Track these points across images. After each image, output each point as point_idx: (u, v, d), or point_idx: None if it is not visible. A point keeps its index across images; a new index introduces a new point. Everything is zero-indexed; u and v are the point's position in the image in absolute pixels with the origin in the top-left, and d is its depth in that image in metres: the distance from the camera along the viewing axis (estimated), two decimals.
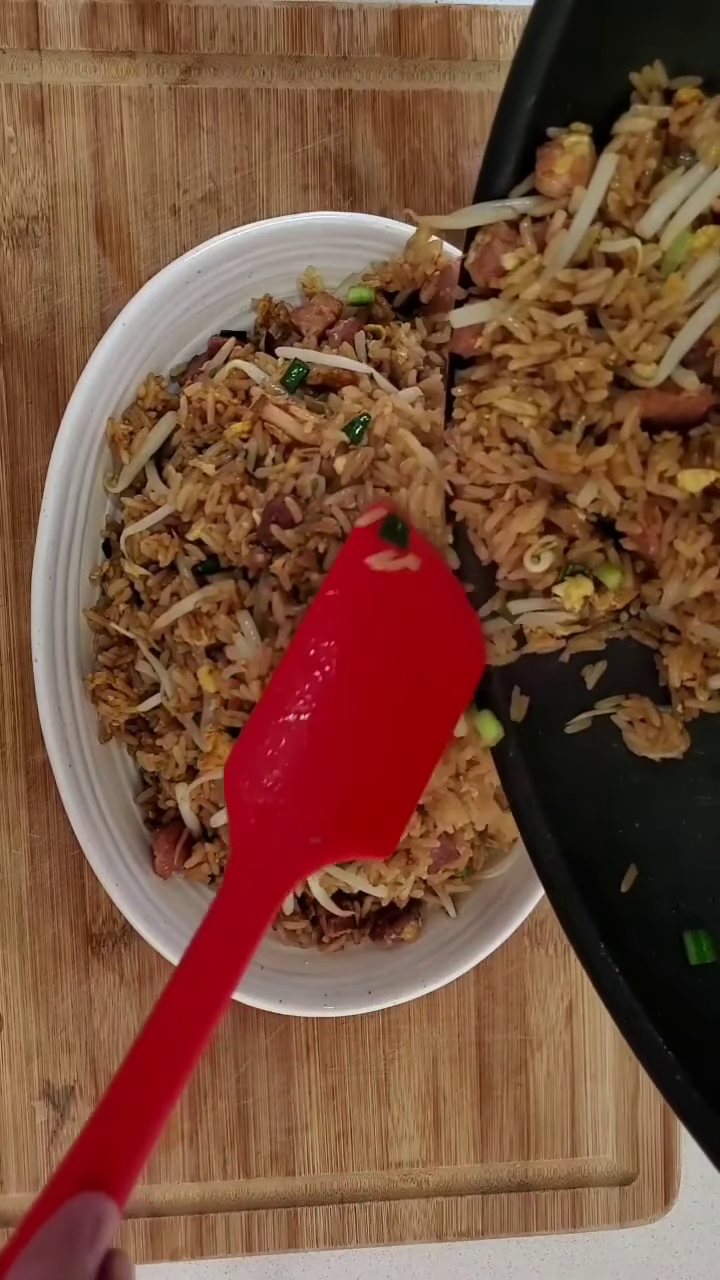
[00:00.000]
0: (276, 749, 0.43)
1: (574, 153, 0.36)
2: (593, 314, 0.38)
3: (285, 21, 0.60)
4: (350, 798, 0.44)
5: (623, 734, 0.44)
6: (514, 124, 0.36)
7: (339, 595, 0.45)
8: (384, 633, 0.45)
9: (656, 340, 0.37)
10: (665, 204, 0.37)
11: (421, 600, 0.45)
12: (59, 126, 0.59)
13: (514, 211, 0.38)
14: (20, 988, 0.61)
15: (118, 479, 0.56)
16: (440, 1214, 0.64)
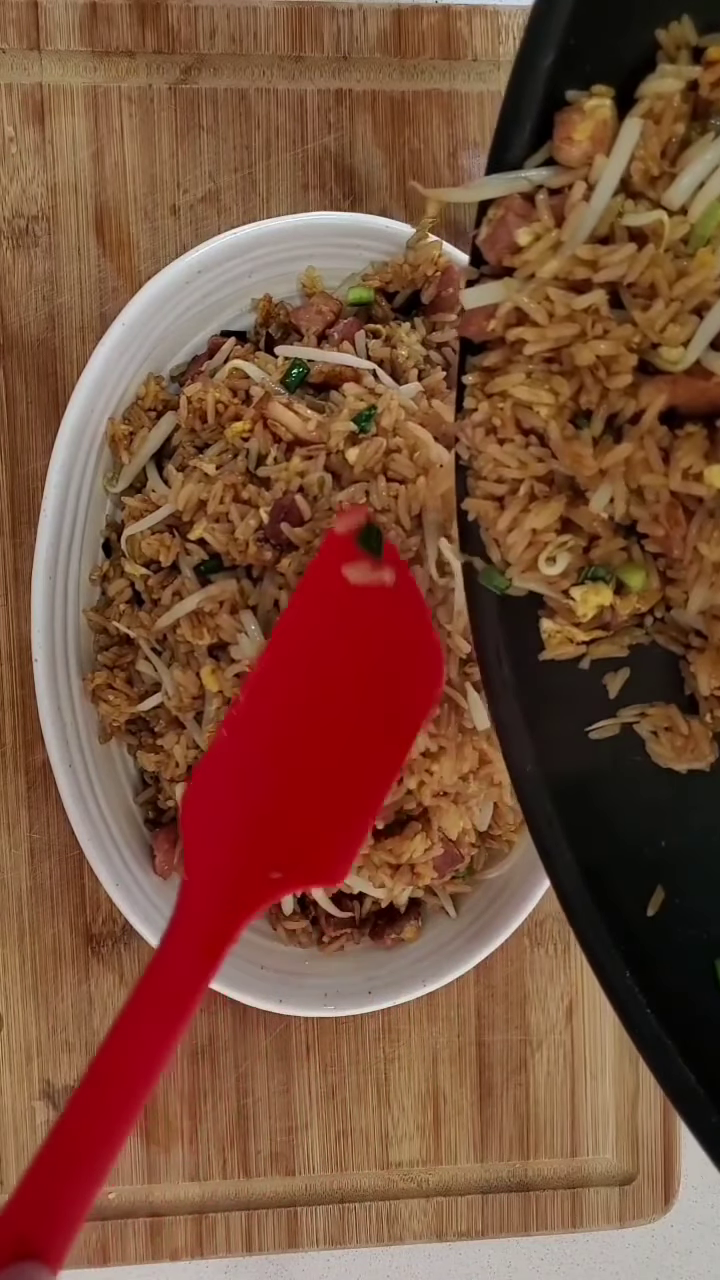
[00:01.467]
0: (235, 778, 0.41)
1: (595, 117, 0.33)
2: (614, 293, 0.35)
3: (285, 21, 0.60)
4: (308, 827, 0.43)
5: (646, 745, 0.41)
6: (530, 85, 0.33)
7: (304, 607, 0.43)
8: (347, 650, 0.43)
9: (684, 321, 0.34)
10: (694, 173, 0.33)
11: (387, 615, 0.43)
12: (59, 126, 0.59)
13: (529, 183, 0.35)
14: (20, 988, 0.61)
15: (118, 479, 0.56)
16: (440, 1214, 0.64)
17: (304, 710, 0.43)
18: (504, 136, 0.35)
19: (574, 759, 0.40)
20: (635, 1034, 0.37)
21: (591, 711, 0.41)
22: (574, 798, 0.39)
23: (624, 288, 0.35)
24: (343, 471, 0.51)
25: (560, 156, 0.34)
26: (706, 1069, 0.36)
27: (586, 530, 0.38)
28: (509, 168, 0.35)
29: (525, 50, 0.33)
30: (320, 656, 0.43)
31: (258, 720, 0.42)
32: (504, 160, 0.35)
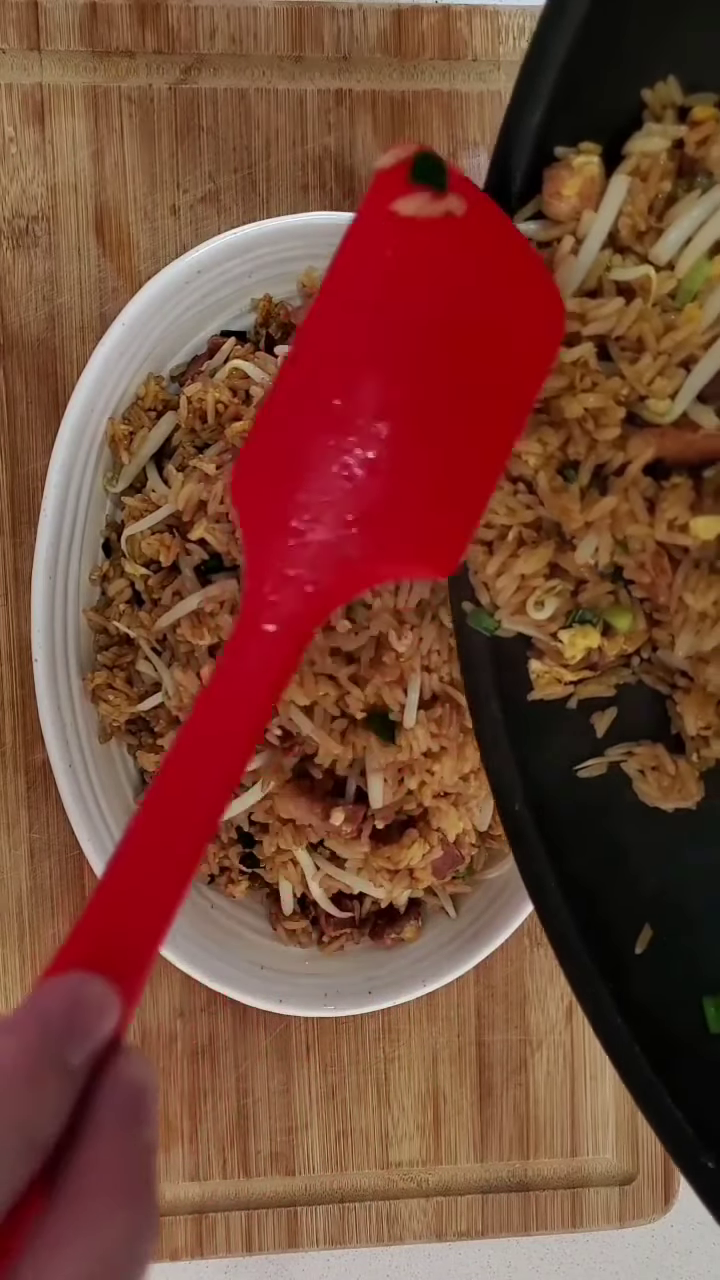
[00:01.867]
0: (294, 444, 0.34)
1: (583, 174, 0.34)
2: (603, 346, 0.36)
3: (285, 21, 0.60)
4: (394, 502, 0.35)
5: (633, 784, 0.41)
6: (520, 139, 0.34)
7: (356, 253, 0.35)
8: (425, 297, 0.36)
9: (671, 374, 0.35)
10: (681, 228, 0.34)
11: (472, 255, 0.36)
12: (59, 126, 0.59)
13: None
14: (20, 988, 0.61)
15: (118, 479, 0.56)
16: (440, 1214, 0.64)
17: (380, 356, 0.35)
18: (494, 188, 0.35)
19: (562, 798, 0.40)
20: (624, 1074, 0.37)
21: (579, 750, 0.41)
22: (562, 836, 0.39)
23: (612, 341, 0.35)
24: None
25: (549, 211, 0.35)
26: (693, 1106, 0.36)
27: (574, 575, 0.39)
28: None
29: (515, 106, 0.34)
30: (385, 307, 0.35)
31: (315, 378, 0.35)
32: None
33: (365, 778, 0.51)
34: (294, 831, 0.52)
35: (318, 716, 0.50)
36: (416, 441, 0.35)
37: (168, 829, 0.30)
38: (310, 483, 0.34)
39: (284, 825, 0.52)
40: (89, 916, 0.29)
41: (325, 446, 0.34)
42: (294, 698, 0.49)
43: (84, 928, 0.29)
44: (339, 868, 0.54)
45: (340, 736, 0.50)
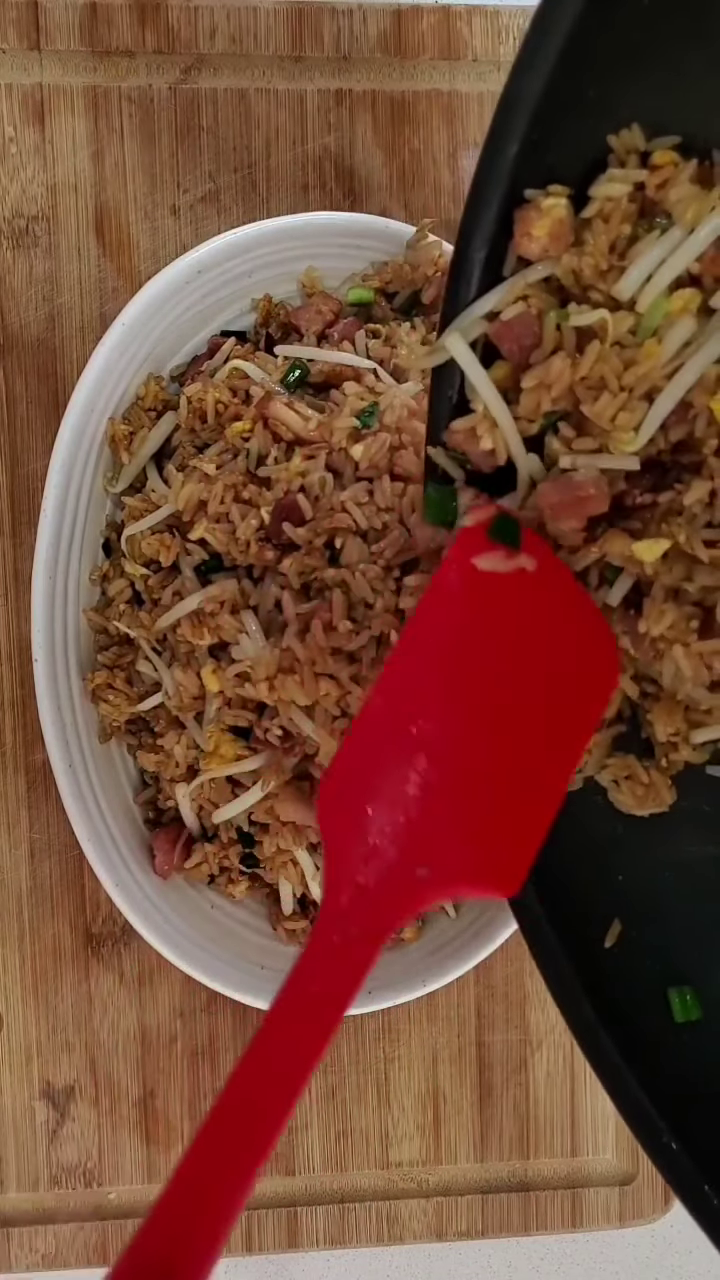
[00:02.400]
0: (378, 771, 0.38)
1: (552, 215, 0.36)
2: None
3: (285, 21, 0.60)
4: (463, 826, 0.39)
5: (609, 793, 0.43)
6: (496, 174, 0.36)
7: (439, 606, 0.40)
8: (498, 641, 0.40)
9: (634, 407, 0.37)
10: (642, 267, 0.36)
11: (540, 606, 0.41)
12: (59, 126, 0.59)
13: (484, 323, 0.38)
14: (20, 988, 0.61)
15: (118, 479, 0.56)
16: (440, 1214, 0.64)
17: (460, 692, 0.39)
18: (470, 223, 0.37)
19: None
20: (593, 1060, 0.38)
21: None
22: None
23: (579, 384, 0.38)
24: (344, 470, 0.51)
25: (521, 250, 0.37)
26: (660, 1093, 0.37)
27: None
28: (476, 255, 0.38)
29: (492, 141, 0.35)
30: (462, 648, 0.40)
31: (405, 695, 0.39)
32: (471, 245, 0.37)
33: None
34: (294, 832, 0.52)
35: (319, 716, 0.49)
36: (486, 771, 0.39)
37: (232, 1136, 0.32)
38: (387, 805, 0.37)
39: (284, 825, 0.52)
40: (160, 1215, 0.31)
41: (403, 773, 0.37)
42: (295, 697, 0.49)
43: (154, 1227, 0.30)
44: None
45: (341, 737, 0.50)
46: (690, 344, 0.36)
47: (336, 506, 0.49)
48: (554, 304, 0.38)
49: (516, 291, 0.37)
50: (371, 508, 0.50)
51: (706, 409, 0.36)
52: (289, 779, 0.52)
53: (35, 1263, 0.61)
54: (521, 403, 0.38)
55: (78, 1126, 0.62)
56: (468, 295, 0.38)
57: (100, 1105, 0.62)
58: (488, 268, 0.38)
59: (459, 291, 0.38)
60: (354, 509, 0.49)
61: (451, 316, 0.38)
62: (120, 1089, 0.62)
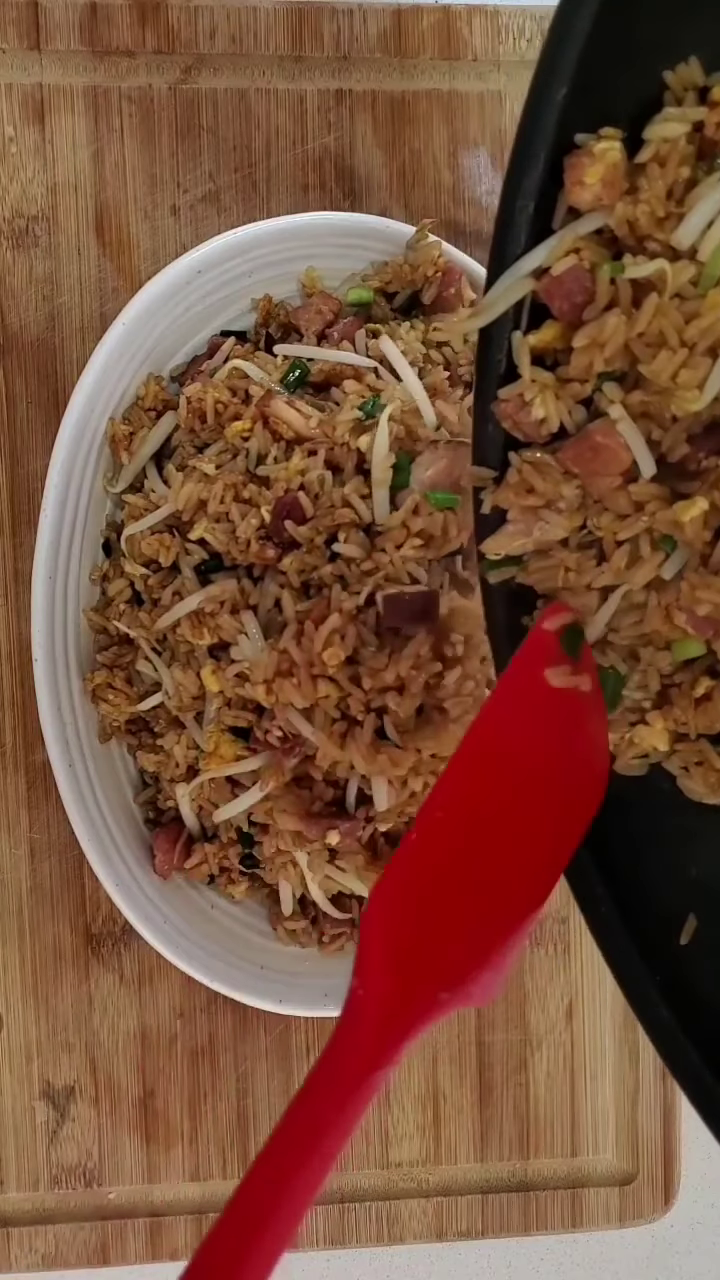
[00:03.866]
0: (419, 892, 0.38)
1: (605, 160, 0.34)
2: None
3: (285, 21, 0.60)
4: (475, 944, 0.39)
5: (678, 780, 0.40)
6: (543, 120, 0.33)
7: (504, 713, 0.40)
8: (538, 756, 0.40)
9: (696, 364, 0.34)
10: (702, 212, 0.33)
11: (575, 721, 0.40)
12: (59, 126, 0.59)
13: (532, 281, 0.36)
14: (20, 988, 0.61)
15: (118, 479, 0.56)
16: (440, 1214, 0.64)
17: (489, 820, 0.40)
18: (516, 172, 0.35)
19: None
20: (673, 1065, 0.37)
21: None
22: (602, 829, 0.39)
23: (637, 341, 0.35)
24: (344, 466, 0.51)
25: (572, 200, 0.35)
26: None
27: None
28: (511, 254, 0.36)
29: (537, 86, 0.33)
30: (514, 761, 0.40)
31: (447, 828, 0.39)
32: (515, 199, 0.35)
33: (367, 780, 0.51)
34: (294, 833, 0.52)
35: (318, 718, 0.49)
36: (503, 894, 0.39)
37: (254, 1231, 0.33)
38: (433, 930, 0.38)
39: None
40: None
41: (453, 900, 0.38)
42: (292, 700, 0.49)
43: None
44: (340, 870, 0.54)
45: (340, 739, 0.50)
46: None
47: (337, 503, 0.49)
48: (606, 257, 0.35)
49: (567, 244, 0.35)
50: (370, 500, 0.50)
51: None
52: (289, 780, 0.52)
53: (35, 1263, 0.61)
54: (573, 363, 0.36)
55: (78, 1126, 0.62)
56: (515, 250, 0.35)
57: (100, 1105, 0.62)
58: (535, 221, 0.35)
59: (505, 246, 0.35)
60: (356, 501, 0.49)
61: (498, 274, 0.36)
62: (120, 1089, 0.62)
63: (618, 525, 0.37)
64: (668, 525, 0.36)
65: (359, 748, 0.49)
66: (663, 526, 0.36)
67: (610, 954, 0.38)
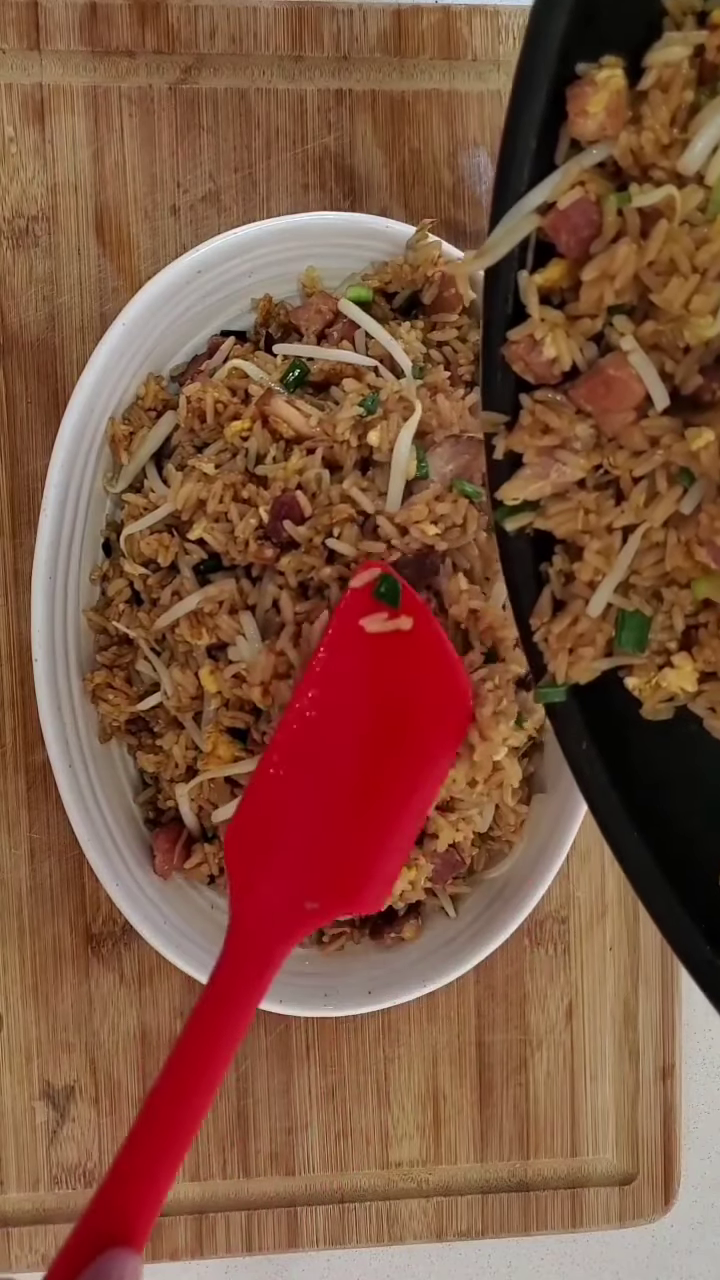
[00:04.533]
0: (274, 815, 0.44)
1: (609, 88, 0.33)
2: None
3: (285, 21, 0.60)
4: (343, 859, 0.45)
5: (704, 721, 0.39)
6: (544, 50, 0.33)
7: (330, 659, 0.46)
8: (374, 692, 0.46)
9: (709, 290, 0.33)
10: (708, 136, 0.33)
11: (411, 657, 0.46)
12: (59, 126, 0.59)
13: (537, 218, 0.35)
14: (20, 988, 0.61)
15: (118, 479, 0.56)
16: (440, 1214, 0.64)
17: (338, 748, 0.46)
18: (519, 101, 0.34)
19: (627, 734, 0.40)
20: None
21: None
22: (633, 776, 0.39)
23: (647, 270, 0.35)
24: (343, 463, 0.51)
25: (576, 131, 0.34)
26: None
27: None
28: (515, 191, 0.35)
29: (537, 16, 0.33)
30: (350, 699, 0.46)
31: (292, 757, 0.45)
32: (520, 121, 0.35)
33: None
34: None
35: None
36: (360, 813, 0.46)
37: (170, 1111, 0.39)
38: (283, 848, 0.44)
39: None
40: (105, 1190, 0.37)
41: (295, 821, 0.45)
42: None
43: (101, 1199, 0.37)
44: None
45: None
46: None
47: (335, 499, 0.49)
48: (611, 189, 0.35)
49: (572, 177, 0.34)
50: (374, 491, 0.50)
51: None
52: None
53: (35, 1263, 0.61)
54: (582, 298, 0.35)
55: (78, 1126, 0.62)
56: (519, 186, 0.35)
57: (100, 1105, 0.62)
58: (537, 158, 0.35)
59: (509, 183, 0.35)
60: (358, 494, 0.49)
61: (502, 212, 0.35)
62: (120, 1089, 0.62)
63: (634, 462, 0.37)
64: (684, 457, 0.36)
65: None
66: (679, 459, 0.36)
67: (649, 901, 0.38)
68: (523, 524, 0.39)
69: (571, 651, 0.39)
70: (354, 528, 0.49)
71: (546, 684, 0.40)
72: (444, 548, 0.50)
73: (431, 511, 0.49)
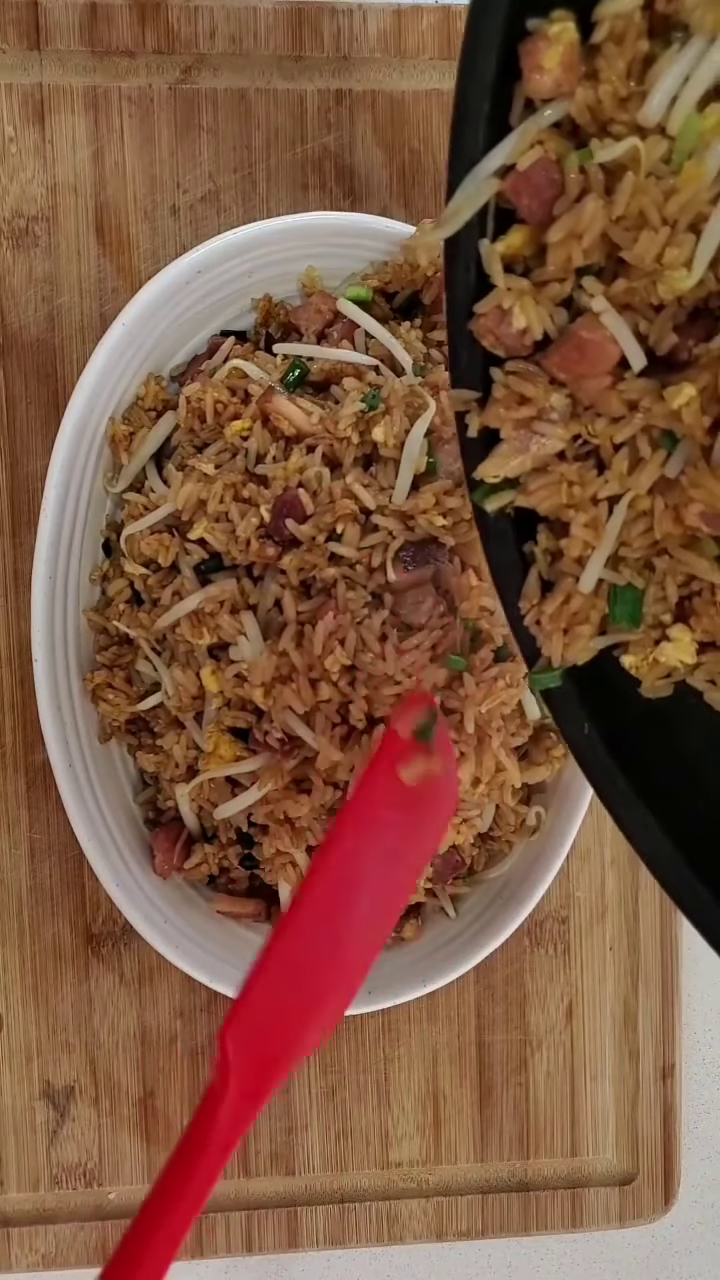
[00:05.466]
0: (286, 980, 0.41)
1: (562, 41, 0.32)
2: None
3: (285, 21, 0.60)
4: (316, 1025, 0.43)
5: (704, 694, 0.38)
6: (494, 4, 0.33)
7: (366, 808, 0.42)
8: (398, 835, 0.43)
9: (680, 241, 0.33)
10: (666, 86, 0.32)
11: (425, 794, 0.43)
12: (59, 126, 0.59)
13: (496, 183, 0.35)
14: (20, 988, 0.61)
15: (118, 479, 0.56)
16: (440, 1214, 0.64)
17: (358, 899, 0.42)
18: (467, 77, 0.34)
19: (628, 713, 0.39)
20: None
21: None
22: (637, 759, 0.38)
23: (613, 225, 0.34)
24: (344, 460, 0.51)
25: (531, 89, 0.34)
26: None
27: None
28: (471, 156, 0.34)
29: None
30: (378, 847, 0.43)
31: (318, 916, 0.42)
32: (471, 87, 0.34)
33: None
34: (292, 833, 0.52)
35: (318, 723, 0.49)
36: (349, 972, 0.43)
37: (152, 1233, 0.42)
38: (281, 1027, 0.42)
39: (282, 827, 0.52)
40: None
41: (302, 1004, 0.42)
42: (291, 704, 0.49)
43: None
44: None
45: (342, 743, 0.50)
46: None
47: (337, 496, 0.49)
48: (571, 148, 0.34)
49: (530, 137, 0.33)
50: (375, 487, 0.50)
51: None
52: (288, 782, 0.52)
53: (35, 1263, 0.61)
54: (550, 260, 0.34)
55: (78, 1126, 0.62)
56: (475, 151, 0.34)
57: (100, 1105, 0.62)
58: (492, 120, 0.34)
59: (464, 148, 0.34)
60: (360, 490, 0.49)
61: (460, 178, 0.34)
62: (120, 1089, 0.62)
63: (614, 429, 0.36)
64: (664, 419, 0.35)
65: (365, 755, 0.49)
66: (659, 421, 0.35)
67: (661, 877, 0.38)
68: (504, 503, 0.37)
69: (566, 632, 0.38)
70: (356, 526, 0.49)
71: (542, 669, 0.38)
72: (451, 543, 0.50)
73: (440, 503, 0.49)
